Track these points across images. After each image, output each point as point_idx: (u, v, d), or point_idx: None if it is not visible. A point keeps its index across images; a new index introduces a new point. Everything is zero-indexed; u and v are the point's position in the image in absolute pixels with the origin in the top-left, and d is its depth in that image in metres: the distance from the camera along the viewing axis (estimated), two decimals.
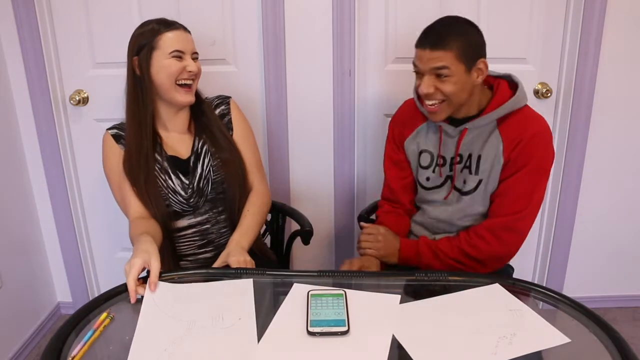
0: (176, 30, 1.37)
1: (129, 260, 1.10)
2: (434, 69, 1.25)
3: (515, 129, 1.31)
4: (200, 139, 1.46)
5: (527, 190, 1.31)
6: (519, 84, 1.35)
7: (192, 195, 1.43)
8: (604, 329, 0.96)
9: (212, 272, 1.20)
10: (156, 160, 1.41)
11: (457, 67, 1.25)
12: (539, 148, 1.30)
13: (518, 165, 1.30)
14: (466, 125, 1.34)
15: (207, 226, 1.46)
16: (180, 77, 1.37)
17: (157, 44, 1.35)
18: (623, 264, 2.17)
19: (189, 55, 1.38)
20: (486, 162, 1.33)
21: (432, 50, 1.25)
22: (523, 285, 1.13)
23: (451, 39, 1.24)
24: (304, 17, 1.82)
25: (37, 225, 2.09)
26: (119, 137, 1.43)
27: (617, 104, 1.93)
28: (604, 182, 2.04)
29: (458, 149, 1.37)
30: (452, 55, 1.24)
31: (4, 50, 1.87)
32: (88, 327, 0.99)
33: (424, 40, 1.27)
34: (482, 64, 1.29)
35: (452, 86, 1.27)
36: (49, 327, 2.16)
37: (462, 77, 1.27)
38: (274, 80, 1.88)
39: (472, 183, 1.36)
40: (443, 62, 1.24)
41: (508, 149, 1.30)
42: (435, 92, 1.28)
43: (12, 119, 1.93)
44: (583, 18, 1.81)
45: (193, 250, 1.47)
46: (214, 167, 1.44)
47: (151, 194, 1.38)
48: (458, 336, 0.93)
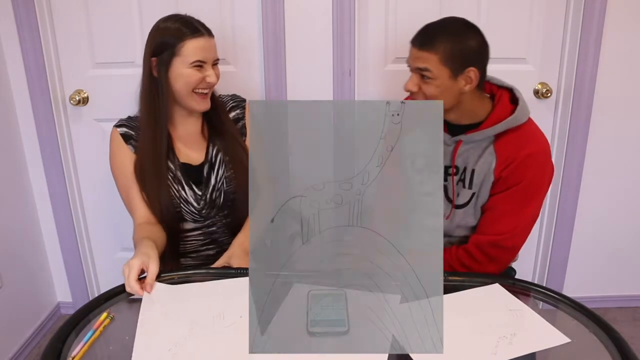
0: (201, 38, 1.30)
1: (127, 262, 1.10)
2: (418, 69, 1.24)
3: (510, 148, 1.27)
4: (214, 145, 1.43)
5: (514, 210, 1.28)
6: (519, 100, 1.30)
7: (205, 206, 1.41)
8: (604, 329, 0.96)
9: (212, 272, 1.20)
10: (169, 168, 1.38)
11: (440, 71, 1.22)
12: (531, 169, 1.26)
13: (508, 184, 1.28)
14: (461, 137, 1.31)
15: (213, 229, 1.46)
16: (198, 87, 1.33)
17: (180, 51, 1.29)
18: (623, 264, 2.17)
19: (210, 64, 1.34)
20: (479, 177, 1.31)
21: (419, 49, 1.24)
22: (523, 285, 1.13)
23: (439, 41, 1.21)
24: (304, 17, 1.82)
25: (37, 225, 2.09)
26: (128, 137, 1.39)
27: (617, 104, 1.93)
28: (604, 182, 2.04)
29: (454, 160, 1.33)
30: (437, 58, 1.21)
31: (4, 50, 1.87)
32: (88, 327, 0.99)
33: (415, 38, 1.26)
34: (472, 72, 1.23)
35: (433, 89, 1.24)
36: (49, 327, 2.16)
37: (445, 82, 1.23)
38: (274, 80, 1.87)
39: (466, 197, 1.33)
40: (426, 63, 1.22)
41: (500, 167, 1.28)
42: (419, 92, 1.26)
43: (12, 119, 1.93)
44: (583, 18, 1.81)
45: (196, 247, 1.47)
46: (227, 178, 1.41)
47: (162, 201, 1.35)
48: (458, 336, 0.93)
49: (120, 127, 1.40)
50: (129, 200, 1.39)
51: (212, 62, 1.34)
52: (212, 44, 1.35)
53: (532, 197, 1.29)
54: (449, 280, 1.14)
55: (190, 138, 1.43)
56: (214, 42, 1.35)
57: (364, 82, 1.92)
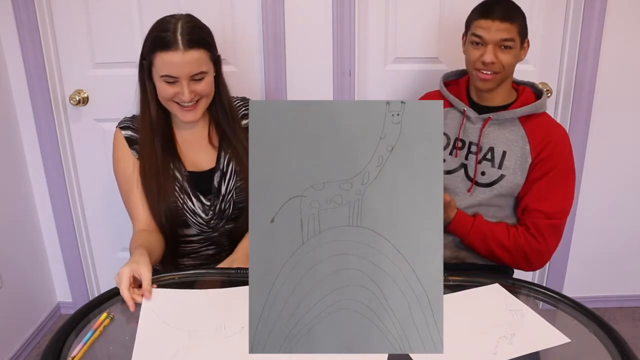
0: (174, 52, 1.20)
1: (118, 272, 1.07)
2: (502, 40, 1.33)
3: (540, 130, 1.38)
4: (226, 153, 1.37)
5: (562, 189, 1.37)
6: (543, 93, 1.42)
7: (213, 217, 1.37)
8: (604, 329, 0.96)
9: (212, 272, 1.20)
10: (175, 178, 1.34)
11: (517, 41, 1.35)
12: (567, 148, 1.38)
13: (550, 166, 1.35)
14: (490, 115, 1.39)
15: (215, 234, 1.43)
16: (175, 99, 1.26)
17: (153, 62, 1.23)
18: (623, 264, 2.17)
19: (185, 79, 1.22)
20: (511, 159, 1.38)
21: (501, 21, 1.31)
22: (523, 285, 1.13)
23: (516, 13, 1.34)
24: (304, 17, 1.82)
25: (37, 225, 2.09)
26: (132, 141, 1.35)
27: (617, 104, 1.93)
28: (604, 182, 2.04)
29: (481, 138, 1.40)
30: (517, 28, 1.33)
31: (4, 50, 1.87)
32: (88, 327, 0.99)
33: (491, 11, 1.33)
34: (527, 42, 1.39)
35: (511, 58, 1.35)
36: (49, 327, 2.16)
37: (518, 52, 1.37)
38: (274, 80, 1.87)
39: (494, 175, 1.40)
40: (511, 34, 1.32)
41: (536, 149, 1.36)
42: (496, 63, 1.34)
43: (12, 119, 1.93)
44: (583, 18, 1.81)
45: (195, 249, 1.46)
46: (238, 188, 1.37)
47: (163, 209, 1.31)
48: (458, 336, 0.93)
49: (124, 129, 1.36)
50: (130, 206, 1.36)
51: (190, 78, 1.23)
52: (191, 58, 1.21)
53: (571, 174, 1.40)
54: (449, 280, 1.14)
55: (196, 142, 1.38)
56: (196, 56, 1.22)
57: (364, 82, 1.92)
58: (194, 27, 1.25)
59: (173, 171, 1.34)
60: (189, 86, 1.24)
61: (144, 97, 1.32)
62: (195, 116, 1.29)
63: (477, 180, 1.42)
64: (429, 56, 1.89)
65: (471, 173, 1.43)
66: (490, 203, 1.42)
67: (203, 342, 0.93)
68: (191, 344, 0.92)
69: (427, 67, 1.90)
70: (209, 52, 1.28)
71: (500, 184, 1.39)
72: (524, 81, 1.48)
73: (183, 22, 1.25)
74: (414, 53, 1.88)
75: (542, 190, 1.37)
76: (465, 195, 1.43)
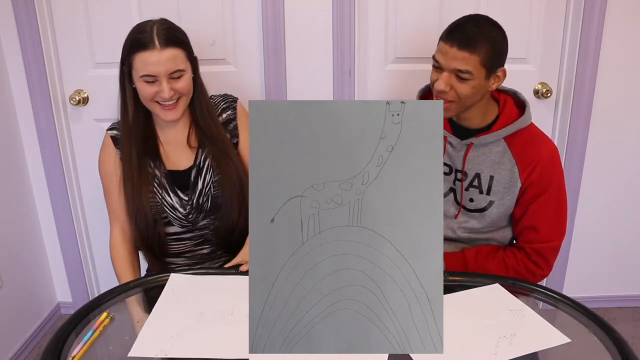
0: (151, 52, 1.25)
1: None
2: (456, 69, 1.20)
3: (528, 151, 1.28)
4: (203, 150, 1.41)
5: (556, 212, 1.31)
6: (526, 103, 1.32)
7: (191, 211, 1.41)
8: (604, 329, 0.96)
9: (212, 271, 1.20)
10: (155, 175, 1.38)
11: (478, 72, 1.20)
12: (556, 167, 1.30)
13: (540, 189, 1.28)
14: (472, 140, 1.31)
15: (205, 231, 1.45)
16: (155, 99, 1.30)
17: (132, 64, 1.29)
18: (623, 264, 2.17)
19: (165, 77, 1.27)
20: (499, 184, 1.30)
21: (459, 49, 1.19)
22: (523, 285, 1.13)
23: (480, 42, 1.18)
24: (304, 17, 1.82)
25: (37, 225, 2.09)
26: (117, 140, 1.40)
27: (617, 104, 1.93)
28: (604, 182, 2.04)
29: (464, 165, 1.33)
30: (478, 60, 1.19)
31: (4, 50, 1.87)
32: (88, 327, 0.99)
33: (452, 36, 1.21)
34: (501, 72, 1.25)
35: (469, 90, 1.21)
36: (49, 327, 2.16)
37: (481, 83, 1.22)
38: (274, 80, 1.88)
39: (482, 202, 1.33)
40: (467, 65, 1.19)
41: (525, 171, 1.28)
42: (450, 92, 1.23)
43: (12, 119, 1.93)
44: (583, 18, 1.81)
45: (189, 248, 1.47)
46: (215, 182, 1.41)
47: (138, 206, 1.36)
48: (458, 336, 0.93)
49: (111, 130, 1.43)
50: (109, 204, 1.45)
51: (170, 76, 1.28)
52: (168, 56, 1.26)
53: (563, 191, 1.32)
54: (449, 280, 1.14)
55: (178, 143, 1.42)
56: (173, 54, 1.27)
57: (364, 82, 1.92)
58: (170, 28, 1.31)
59: (153, 169, 1.39)
60: (169, 84, 1.28)
61: (123, 101, 1.37)
62: (176, 115, 1.33)
63: (466, 207, 1.35)
64: (429, 56, 1.88)
65: (459, 198, 1.36)
66: (481, 230, 1.37)
67: (208, 325, 0.98)
68: (197, 325, 0.98)
69: (427, 67, 1.88)
70: (185, 51, 1.32)
71: (490, 210, 1.33)
72: (505, 88, 1.35)
73: (159, 24, 1.30)
74: (414, 53, 1.88)
75: (537, 214, 1.31)
76: (455, 220, 1.38)
